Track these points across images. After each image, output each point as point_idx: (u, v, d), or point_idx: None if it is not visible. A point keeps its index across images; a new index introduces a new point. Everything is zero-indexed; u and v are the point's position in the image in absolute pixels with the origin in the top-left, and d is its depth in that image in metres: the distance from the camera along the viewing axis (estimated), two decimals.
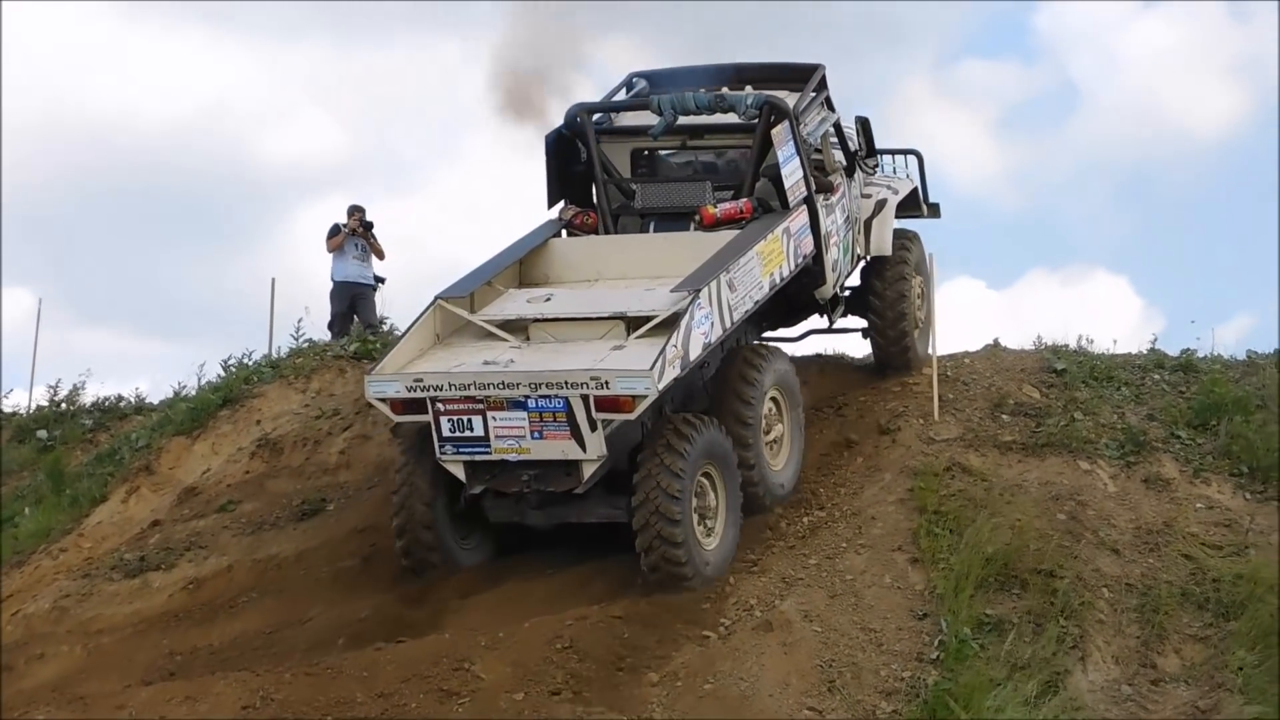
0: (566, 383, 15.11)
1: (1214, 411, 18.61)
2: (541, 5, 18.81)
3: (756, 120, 17.83)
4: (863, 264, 19.72)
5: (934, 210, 21.28)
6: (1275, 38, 57.89)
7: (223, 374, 21.81)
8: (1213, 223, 56.89)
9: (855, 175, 19.54)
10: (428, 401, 15.45)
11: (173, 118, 55.13)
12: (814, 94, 18.54)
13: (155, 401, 23.13)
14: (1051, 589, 15.64)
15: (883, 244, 19.63)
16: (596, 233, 18.14)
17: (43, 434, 22.79)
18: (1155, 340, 20.88)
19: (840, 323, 19.76)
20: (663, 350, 15.13)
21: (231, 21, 54.20)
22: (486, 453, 15.48)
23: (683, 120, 18.17)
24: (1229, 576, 16.26)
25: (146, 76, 55.32)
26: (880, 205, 19.80)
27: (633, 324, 15.94)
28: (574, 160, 18.44)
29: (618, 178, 18.48)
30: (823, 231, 18.04)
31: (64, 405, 23.50)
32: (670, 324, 15.54)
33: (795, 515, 16.54)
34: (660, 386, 15.02)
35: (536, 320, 16.41)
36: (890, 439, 17.82)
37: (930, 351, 19.42)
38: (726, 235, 17.03)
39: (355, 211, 24.13)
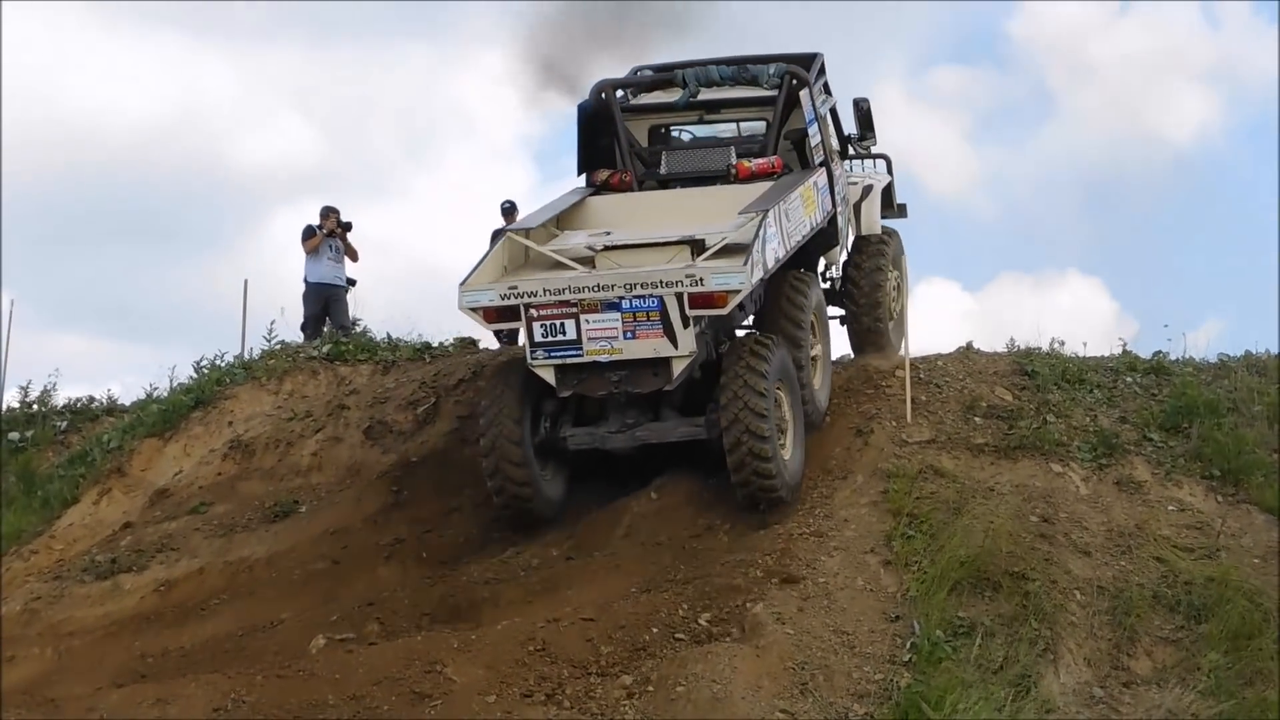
0: (662, 282, 16.17)
1: (1186, 414, 18.65)
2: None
3: (779, 88, 18.98)
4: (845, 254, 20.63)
5: (901, 210, 22.07)
6: (1248, 44, 58.13)
7: (195, 375, 21.77)
8: (1185, 228, 57.12)
9: (846, 159, 20.54)
10: (521, 308, 16.34)
11: (148, 121, 55.13)
12: (817, 76, 19.46)
13: (127, 403, 23.07)
14: (1024, 591, 15.64)
15: (873, 225, 20.87)
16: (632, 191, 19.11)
17: (14, 435, 22.71)
18: (1126, 344, 20.93)
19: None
20: (750, 252, 16.26)
21: (207, 25, 54.25)
22: (579, 355, 16.41)
23: (705, 95, 19.37)
24: (1200, 579, 16.28)
25: (121, 80, 55.30)
26: (868, 190, 20.96)
27: (697, 249, 16.74)
28: (601, 132, 19.34)
29: (640, 148, 19.46)
30: (835, 193, 19.26)
31: (35, 407, 23.42)
32: (736, 248, 16.55)
33: (769, 517, 16.54)
34: (752, 281, 16.28)
35: (606, 249, 17.17)
36: (863, 441, 17.82)
37: (904, 354, 19.43)
38: (760, 187, 17.96)
39: (330, 213, 24.05)
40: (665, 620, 14.67)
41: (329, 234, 23.85)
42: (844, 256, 20.73)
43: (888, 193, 21.65)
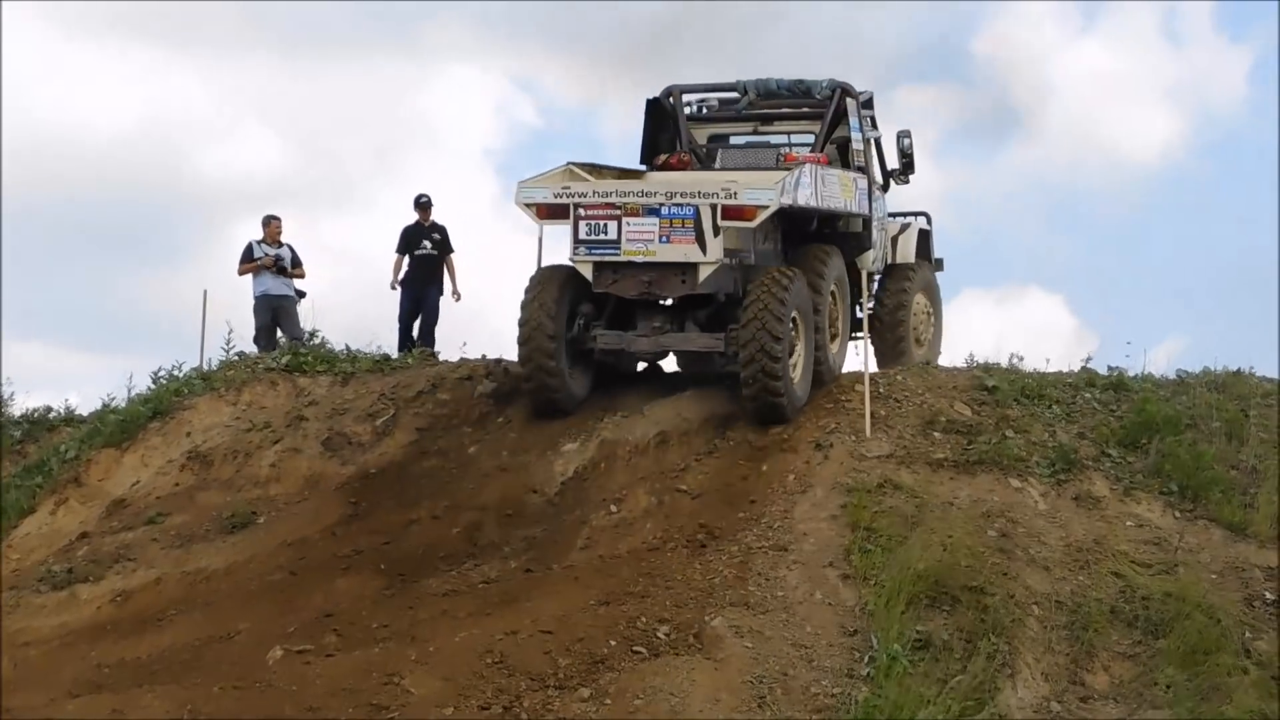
0: (700, 192, 18.52)
1: (1144, 430, 18.71)
2: None
3: (830, 100, 20.91)
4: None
5: (938, 264, 23.51)
6: (1210, 62, 58.43)
7: (153, 386, 21.68)
8: (1147, 245, 57.31)
9: (887, 191, 22.15)
10: (571, 207, 18.72)
11: (113, 132, 54.90)
12: (866, 105, 21.47)
13: (85, 413, 22.96)
14: (982, 606, 15.67)
15: (906, 256, 22.48)
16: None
17: None
18: (1089, 359, 21.00)
19: None
20: (784, 180, 18.54)
21: (174, 37, 54.06)
22: (616, 254, 18.67)
23: (762, 105, 21.41)
24: (1158, 594, 16.33)
25: (87, 91, 55.09)
26: (906, 226, 22.77)
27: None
28: (664, 128, 21.30)
29: (698, 146, 21.32)
30: (873, 202, 21.18)
31: None
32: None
33: (728, 530, 16.55)
34: (780, 202, 18.33)
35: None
36: (822, 455, 17.82)
37: (864, 369, 19.50)
38: None
39: (270, 221, 23.92)
40: (624, 633, 14.67)
41: (265, 268, 23.68)
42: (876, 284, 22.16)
43: (925, 242, 23.08)
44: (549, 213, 19.00)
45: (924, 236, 23.12)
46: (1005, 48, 60.19)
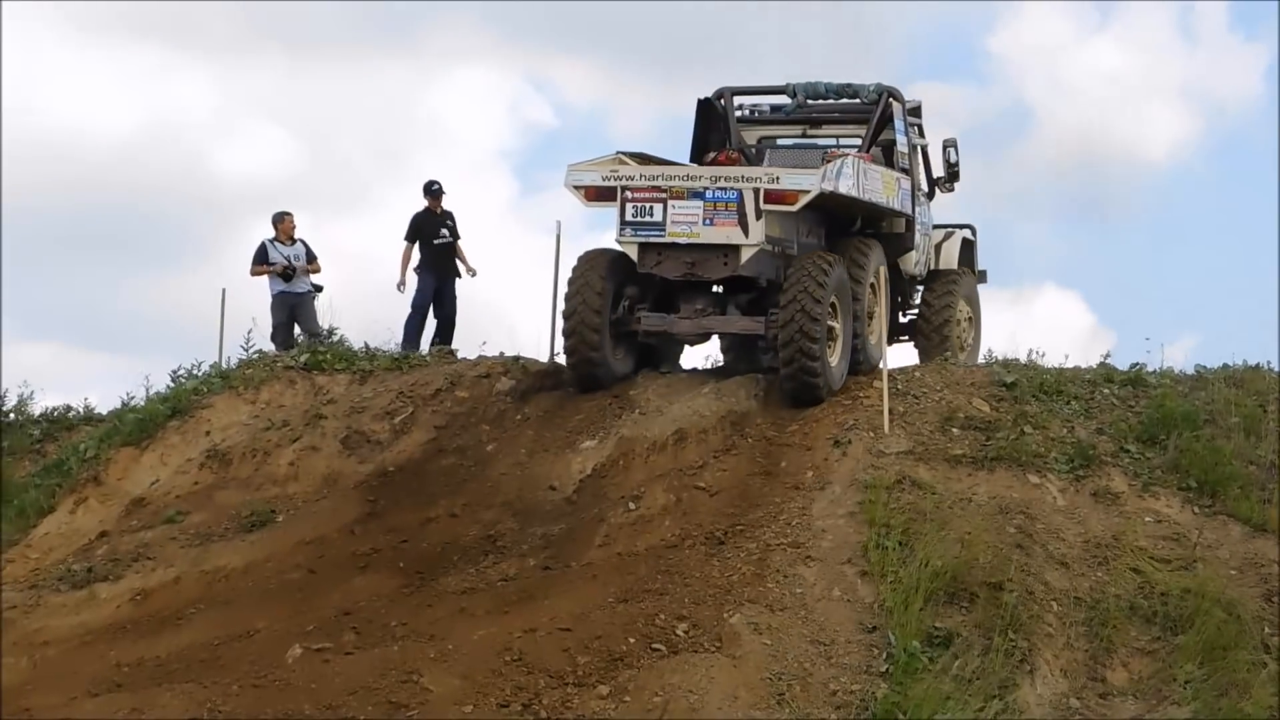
0: (743, 177, 19.41)
1: (1163, 426, 18.66)
2: None
3: (877, 103, 21.50)
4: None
5: (981, 276, 24.16)
6: (1225, 61, 58.35)
7: (171, 385, 21.69)
8: (1163, 242, 57.24)
9: (932, 199, 22.93)
10: (618, 190, 19.49)
11: (125, 133, 54.96)
12: (915, 113, 22.46)
13: (104, 412, 22.97)
14: (1000, 602, 15.65)
15: (950, 262, 23.18)
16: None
17: None
18: (1107, 355, 20.97)
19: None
20: (825, 168, 19.29)
21: (184, 38, 54.09)
22: (661, 235, 19.43)
23: (810, 108, 22.22)
24: (1176, 590, 16.29)
25: (98, 92, 55.15)
26: (950, 234, 23.41)
27: None
28: (714, 129, 21.79)
29: (746, 147, 21.88)
30: (916, 206, 21.90)
31: (12, 415, 23.31)
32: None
33: (746, 528, 16.55)
34: (820, 187, 19.02)
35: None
36: (840, 452, 17.82)
37: (882, 365, 19.49)
38: None
39: (284, 218, 23.86)
40: (642, 630, 14.66)
41: (275, 274, 23.65)
42: (919, 293, 22.93)
43: (969, 252, 23.76)
44: (597, 195, 19.73)
45: (967, 246, 23.74)
46: (1020, 45, 60.17)
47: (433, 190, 23.83)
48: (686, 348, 21.43)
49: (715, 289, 20.22)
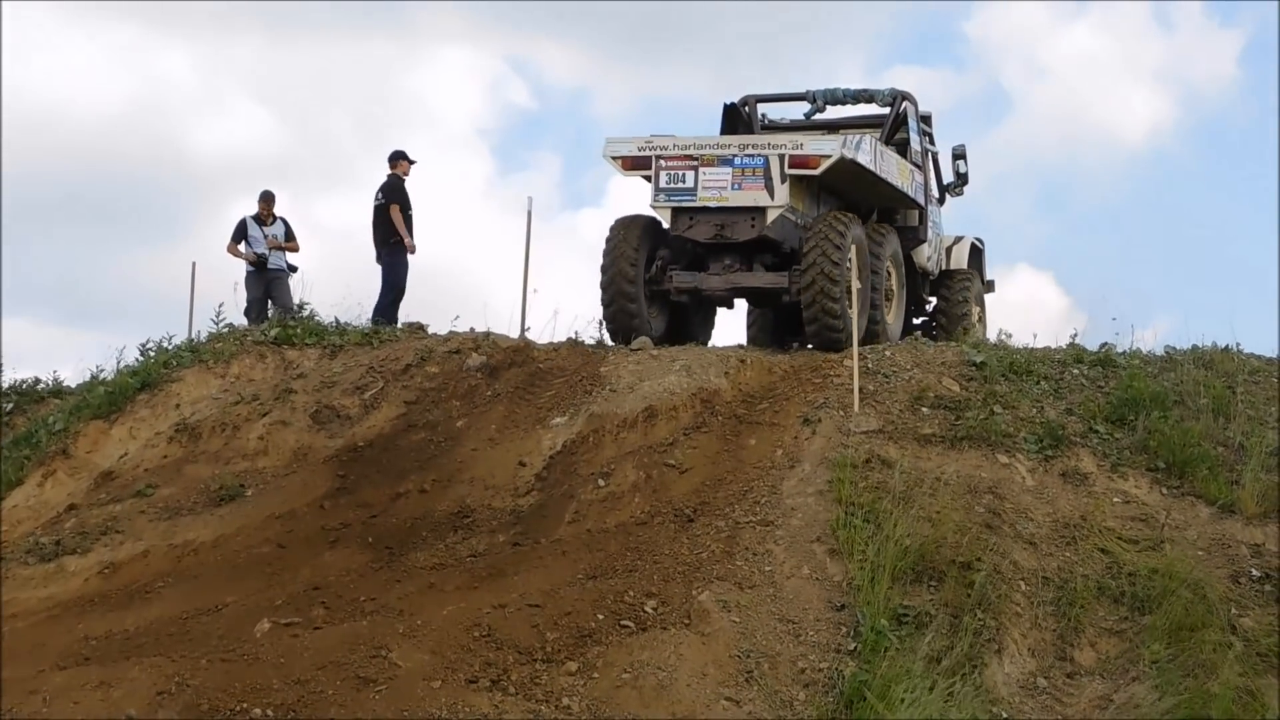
0: (770, 144, 21.22)
1: (1132, 407, 18.71)
2: None
3: (891, 105, 23.60)
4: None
5: (989, 286, 26.01)
6: (1200, 46, 58.49)
7: (141, 358, 21.65)
8: (1137, 226, 57.44)
9: (943, 204, 24.75)
10: (653, 158, 21.25)
11: (105, 110, 54.84)
12: (925, 120, 24.37)
13: (73, 385, 22.93)
14: (969, 581, 15.69)
15: (960, 262, 25.17)
16: None
17: None
18: (1075, 335, 21.04)
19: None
20: (845, 138, 21.24)
21: (168, 14, 53.96)
22: (692, 199, 21.14)
23: (827, 116, 24.15)
24: (1144, 570, 16.33)
25: (79, 69, 55.01)
26: (960, 239, 25.43)
27: None
28: (738, 133, 23.03)
29: None
30: (928, 202, 23.76)
31: None
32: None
33: (715, 505, 16.57)
34: (841, 153, 20.72)
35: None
36: (810, 430, 17.84)
37: (853, 344, 19.54)
38: None
39: (268, 197, 24.13)
40: (611, 607, 14.67)
41: (250, 262, 24.08)
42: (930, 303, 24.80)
43: (977, 257, 25.69)
44: (632, 164, 21.43)
45: (976, 251, 25.63)
46: (998, 30, 60.27)
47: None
48: (717, 323, 23.26)
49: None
